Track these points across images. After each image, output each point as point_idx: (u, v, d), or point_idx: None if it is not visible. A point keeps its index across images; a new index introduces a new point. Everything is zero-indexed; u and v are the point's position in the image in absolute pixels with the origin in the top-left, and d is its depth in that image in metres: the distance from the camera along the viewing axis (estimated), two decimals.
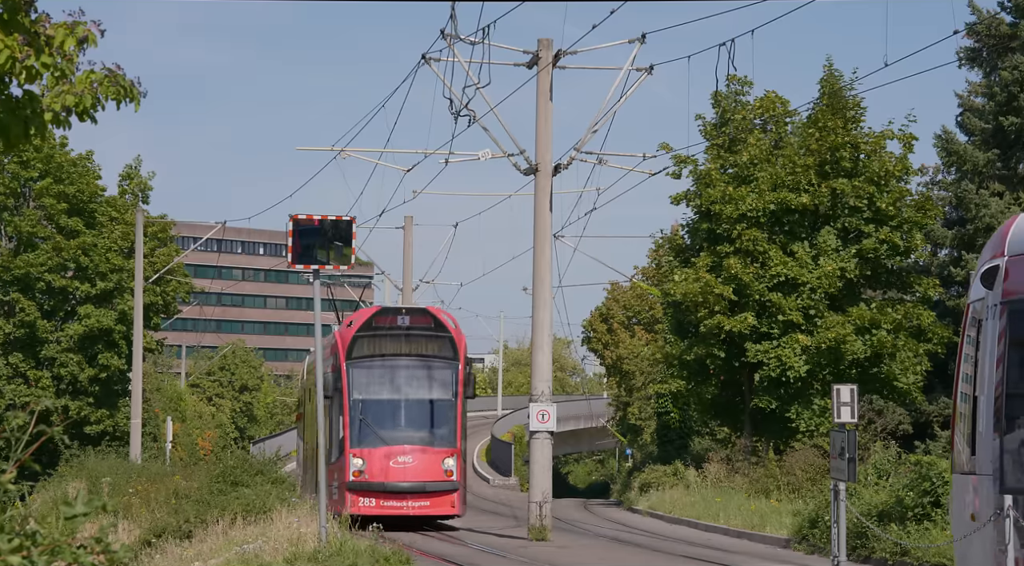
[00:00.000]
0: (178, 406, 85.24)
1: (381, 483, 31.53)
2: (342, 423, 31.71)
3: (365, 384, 32.09)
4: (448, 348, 32.37)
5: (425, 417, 32.46)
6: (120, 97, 10.14)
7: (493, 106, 30.22)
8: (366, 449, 31.60)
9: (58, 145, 61.61)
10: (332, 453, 31.44)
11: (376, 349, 32.14)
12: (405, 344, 32.20)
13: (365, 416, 31.88)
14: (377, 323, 32.34)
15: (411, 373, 32.17)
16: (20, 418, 7.08)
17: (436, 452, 31.86)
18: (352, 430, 31.64)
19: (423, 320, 32.56)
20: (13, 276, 62.17)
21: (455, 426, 32.21)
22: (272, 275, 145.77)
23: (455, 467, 31.72)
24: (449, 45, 29.62)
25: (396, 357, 32.23)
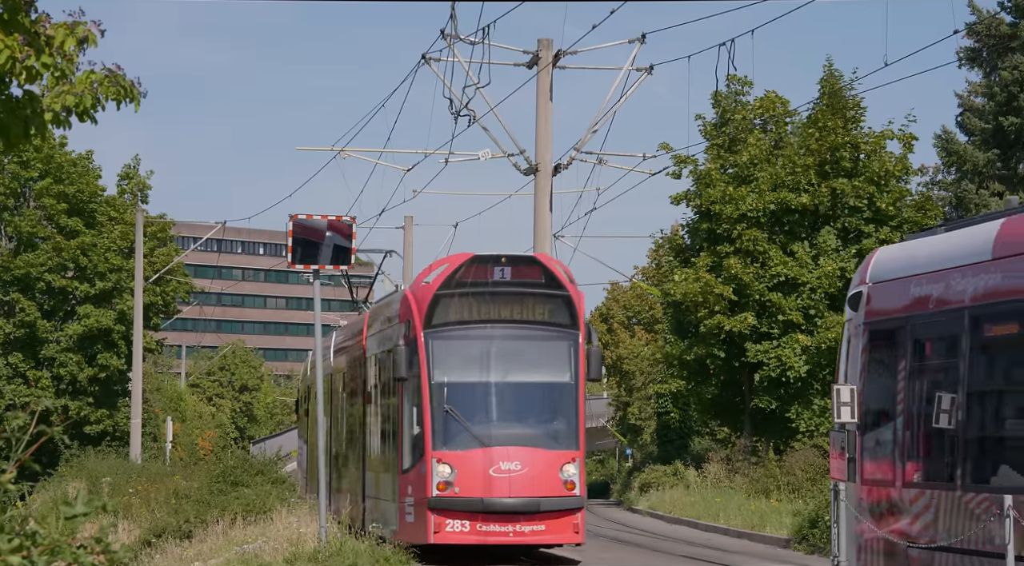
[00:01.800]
0: (178, 406, 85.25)
1: (479, 500, 22.31)
2: (420, 416, 22.79)
3: (452, 362, 23.15)
4: (564, 311, 23.54)
5: (536, 407, 23.53)
6: (120, 97, 10.14)
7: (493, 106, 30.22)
8: (456, 452, 22.47)
9: (58, 145, 61.62)
10: (404, 458, 23.40)
11: (466, 313, 23.31)
12: (506, 306, 23.46)
13: (454, 406, 22.81)
14: (467, 277, 23.25)
15: (516, 346, 23.33)
16: (20, 418, 7.08)
17: (552, 456, 22.82)
18: (435, 425, 22.57)
19: (531, 273, 23.62)
20: (13, 276, 62.18)
21: (576, 420, 23.19)
22: (272, 275, 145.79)
23: (578, 477, 22.83)
24: (449, 45, 29.62)
25: (494, 324, 23.41)
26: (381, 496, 25.36)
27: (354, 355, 29.17)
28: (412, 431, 23.11)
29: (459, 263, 23.24)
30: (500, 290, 23.32)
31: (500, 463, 22.41)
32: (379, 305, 27.55)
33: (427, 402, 22.72)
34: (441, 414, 22.69)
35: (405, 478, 23.31)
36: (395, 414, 23.62)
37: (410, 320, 23.26)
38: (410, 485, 23.11)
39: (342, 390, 31.17)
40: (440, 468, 22.48)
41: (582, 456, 23.03)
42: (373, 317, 27.35)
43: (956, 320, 15.31)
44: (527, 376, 23.40)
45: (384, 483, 24.98)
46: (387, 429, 24.55)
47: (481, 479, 22.36)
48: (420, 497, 22.64)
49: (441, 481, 22.44)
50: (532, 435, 22.93)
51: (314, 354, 26.37)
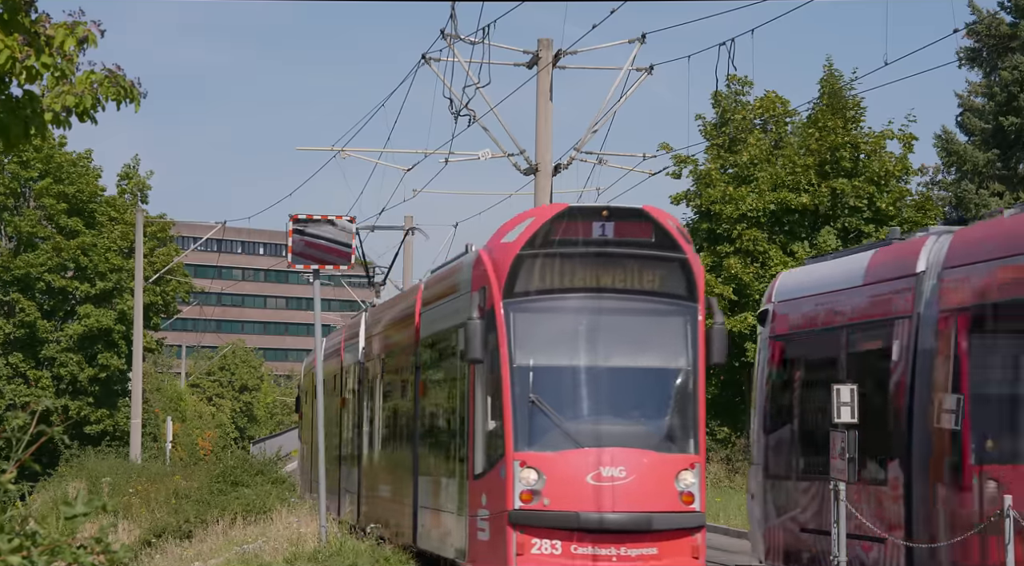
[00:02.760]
0: (178, 406, 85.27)
1: (574, 515, 17.51)
2: (498, 408, 18.13)
3: (540, 340, 18.35)
4: (680, 278, 18.55)
5: (646, 399, 18.60)
6: (120, 97, 10.15)
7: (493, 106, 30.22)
8: (545, 454, 17.72)
9: (58, 145, 61.66)
10: (476, 460, 18.65)
11: (557, 279, 18.44)
12: (608, 270, 18.48)
13: (542, 396, 17.96)
14: (558, 234, 18.33)
15: (620, 322, 18.50)
16: (20, 418, 7.09)
17: (666, 460, 17.99)
18: (518, 420, 17.87)
19: (639, 229, 18.49)
20: (13, 276, 62.21)
21: (695, 415, 18.29)
22: (272, 275, 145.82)
23: (697, 487, 17.95)
24: (449, 45, 29.61)
25: (593, 293, 18.43)
26: (441, 507, 20.45)
27: (400, 336, 24.41)
28: (487, 426, 18.22)
29: (549, 216, 18.22)
30: (601, 250, 18.28)
31: (601, 468, 17.49)
32: (439, 273, 22.19)
33: (507, 391, 17.78)
34: (525, 405, 17.80)
35: (477, 485, 18.48)
36: (462, 406, 19.15)
37: (486, 288, 18.32)
38: (484, 494, 18.23)
39: (380, 379, 26.40)
40: (524, 473, 17.54)
41: (703, 461, 18.06)
42: (430, 289, 22.51)
43: (836, 337, 18.15)
44: (634, 360, 18.35)
45: (445, 491, 20.26)
46: (450, 424, 20.11)
47: (577, 488, 17.49)
48: (498, 509, 17.78)
49: (526, 490, 17.49)
50: (641, 434, 17.91)
51: (315, 353, 26.07)
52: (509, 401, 17.79)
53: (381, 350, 26.50)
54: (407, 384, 23.68)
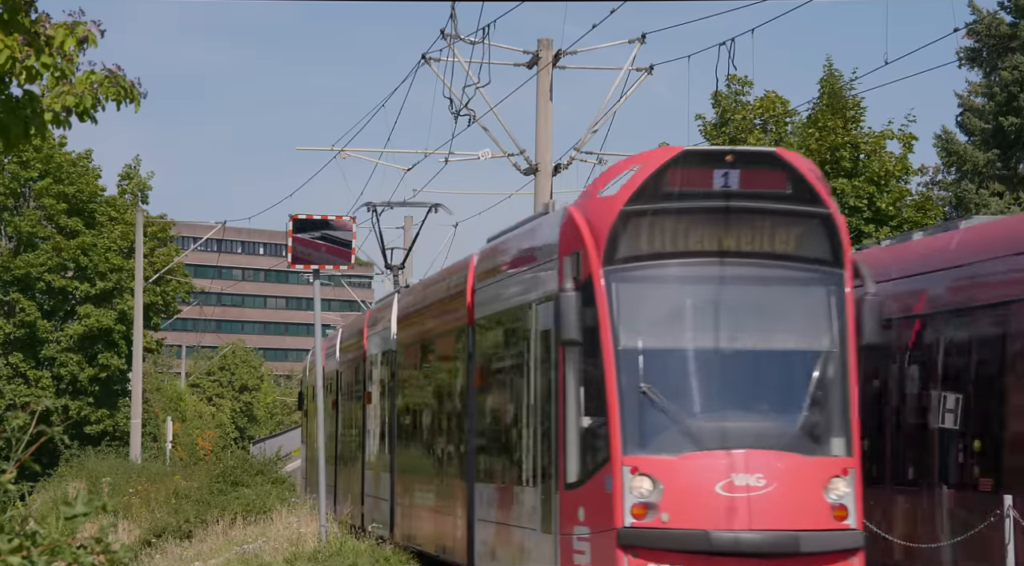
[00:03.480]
0: (178, 406, 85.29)
1: (702, 534, 13.97)
2: (599, 400, 14.64)
3: (652, 317, 14.90)
4: (824, 240, 14.96)
5: (786, 389, 15.01)
6: (120, 97, 10.16)
7: (493, 106, 30.21)
8: (662, 458, 14.28)
9: (58, 145, 61.68)
10: (569, 465, 15.12)
11: (672, 241, 14.87)
12: (735, 230, 14.83)
13: (656, 386, 14.47)
14: (672, 184, 14.77)
15: (752, 294, 15.02)
16: (20, 418, 7.09)
17: (814, 465, 14.48)
18: (627, 416, 14.38)
19: (772, 178, 14.90)
20: (13, 276, 62.22)
21: (846, 408, 14.64)
22: (272, 275, 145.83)
23: (852, 498, 14.40)
24: (449, 45, 29.60)
25: (718, 259, 14.83)
26: (514, 521, 16.86)
27: (446, 319, 21.01)
28: (582, 423, 14.75)
29: (659, 163, 14.63)
30: (725, 204, 14.70)
31: (733, 476, 13.99)
32: (502, 241, 18.59)
33: (612, 379, 14.28)
34: (635, 398, 14.27)
35: (572, 497, 14.96)
36: (544, 398, 15.73)
37: (580, 253, 14.85)
38: (582, 507, 14.80)
39: (419, 369, 23.06)
40: (637, 482, 14.06)
41: (858, 466, 14.43)
42: (488, 260, 18.93)
43: None
44: (769, 340, 14.90)
45: (520, 503, 16.70)
46: (522, 421, 16.69)
47: (704, 500, 14.03)
48: (602, 526, 14.35)
49: (639, 502, 14.05)
50: (781, 432, 14.39)
51: (313, 354, 25.89)
52: (615, 392, 14.25)
53: (420, 336, 22.93)
54: (456, 374, 20.12)
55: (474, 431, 18.92)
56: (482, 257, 19.43)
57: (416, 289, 24.64)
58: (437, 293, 22.11)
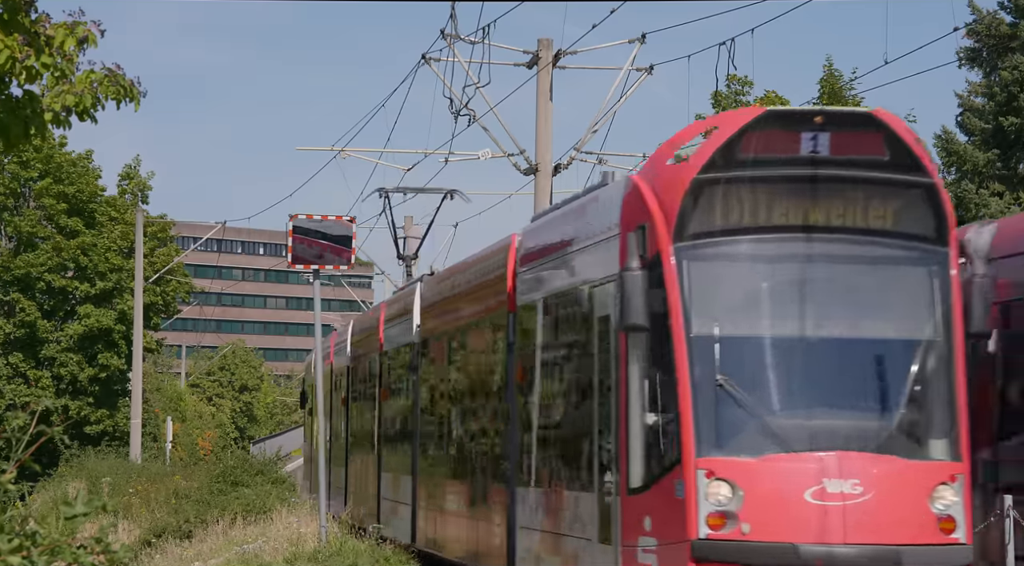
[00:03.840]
0: (178, 406, 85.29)
1: (789, 547, 12.26)
2: (669, 395, 12.91)
3: (729, 301, 13.18)
4: (926, 213, 13.23)
5: (883, 384, 13.16)
6: (120, 97, 10.16)
7: (493, 106, 30.21)
8: (741, 460, 12.56)
9: (58, 145, 61.70)
10: (631, 467, 13.43)
11: (752, 214, 13.11)
12: (824, 201, 13.05)
13: (735, 379, 12.75)
14: (754, 149, 12.99)
15: (845, 275, 13.15)
16: (20, 418, 7.08)
17: (916, 470, 12.79)
18: (700, 412, 12.66)
19: (866, 142, 13.05)
20: (13, 276, 62.23)
21: (952, 406, 12.93)
22: (272, 275, 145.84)
23: (961, 508, 12.66)
24: (449, 45, 29.60)
25: (804, 234, 13.08)
26: (565, 530, 15.18)
27: (479, 306, 19.24)
28: (647, 420, 12.99)
29: (739, 125, 12.87)
30: (814, 172, 12.88)
31: (825, 482, 12.24)
32: (559, 213, 16.58)
33: (684, 371, 12.50)
34: (710, 391, 12.52)
35: (636, 503, 13.26)
36: (602, 392, 14.09)
37: (647, 227, 13.05)
38: (648, 515, 13.05)
39: (447, 362, 21.18)
40: (713, 488, 12.31)
41: (967, 472, 12.65)
42: (533, 238, 16.97)
43: None
44: (865, 328, 12.99)
45: (572, 509, 14.96)
46: (573, 418, 15.05)
47: (791, 509, 12.27)
48: (672, 537, 12.59)
49: (716, 511, 12.27)
50: (878, 432, 12.56)
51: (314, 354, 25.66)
52: (687, 385, 12.47)
53: (449, 326, 21.07)
54: (494, 367, 18.20)
55: (515, 429, 16.93)
56: (526, 237, 17.39)
57: (443, 276, 22.62)
58: (470, 279, 20.04)
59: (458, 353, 20.63)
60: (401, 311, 24.68)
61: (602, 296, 14.18)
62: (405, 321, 24.04)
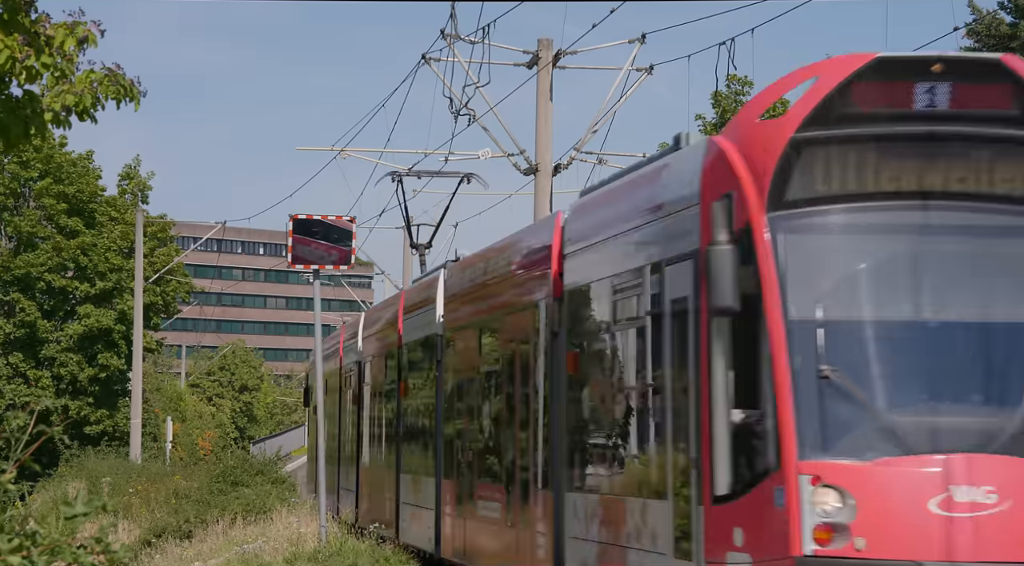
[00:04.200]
0: (178, 406, 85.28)
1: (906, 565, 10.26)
2: (762, 387, 10.93)
3: (835, 280, 11.18)
4: None
5: (1015, 375, 10.95)
6: (120, 97, 10.16)
7: (493, 106, 30.21)
8: (853, 464, 10.56)
9: (58, 145, 61.71)
10: (717, 472, 11.40)
11: (860, 178, 11.14)
12: (944, 164, 11.09)
13: (842, 370, 10.72)
14: (860, 103, 11.04)
15: (967, 249, 11.26)
16: (20, 418, 7.08)
17: None
18: (803, 409, 10.64)
19: (991, 94, 11.09)
20: (13, 276, 62.24)
21: None
22: (272, 275, 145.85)
23: None
24: (449, 45, 29.60)
25: (921, 201, 11.10)
26: (630, 542, 13.22)
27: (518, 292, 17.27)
28: (734, 418, 11.10)
29: (843, 75, 11.02)
30: (931, 129, 11.07)
31: (953, 489, 10.45)
32: (616, 186, 14.76)
33: (783, 360, 10.71)
34: (813, 384, 10.70)
35: (723, 514, 11.32)
36: (676, 385, 12.20)
37: (735, 195, 11.19)
38: (739, 528, 11.14)
39: (477, 356, 19.24)
40: (820, 496, 10.53)
41: None
42: (583, 217, 15.26)
43: None
44: (993, 310, 11.11)
45: (639, 519, 12.91)
46: (646, 413, 12.95)
47: (913, 521, 10.48)
48: (771, 553, 10.79)
49: (824, 522, 10.45)
50: (1014, 431, 10.68)
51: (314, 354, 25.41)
52: (787, 377, 10.68)
53: (479, 315, 19.24)
54: (535, 359, 16.34)
55: (563, 428, 15.04)
56: (574, 214, 15.55)
57: (470, 262, 20.51)
58: (504, 263, 18.14)
59: (490, 344, 18.70)
60: (422, 301, 22.98)
61: (676, 276, 12.21)
62: (427, 311, 22.38)
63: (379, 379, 26.51)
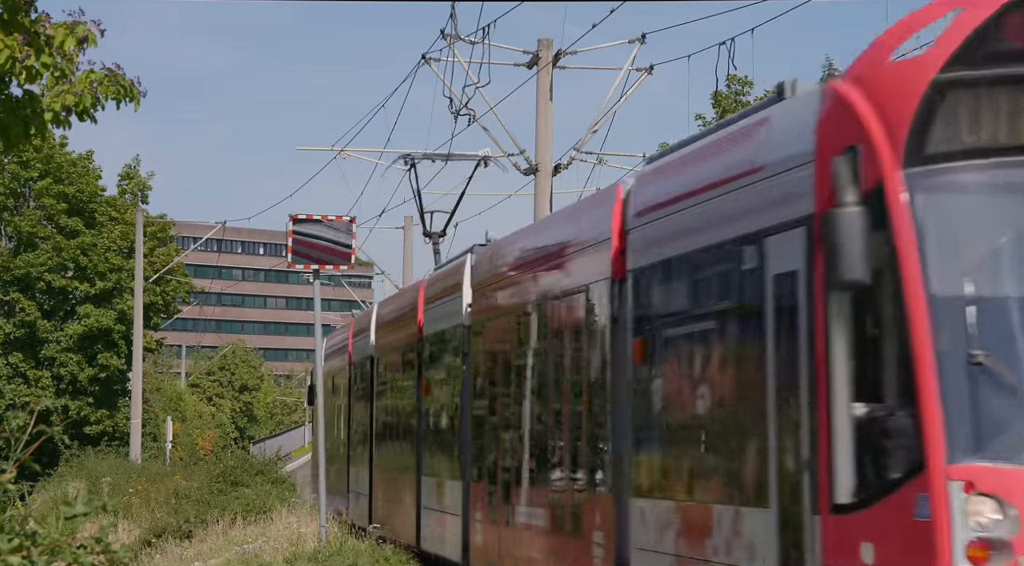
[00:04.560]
0: (178, 406, 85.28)
1: None
2: (897, 376, 8.94)
3: (988, 250, 9.04)
4: None
5: None
6: (120, 97, 10.16)
7: (493, 105, 30.22)
8: (1010, 468, 8.46)
9: (58, 145, 61.72)
10: (840, 476, 9.38)
11: (1015, 128, 8.99)
12: None
13: (996, 356, 8.61)
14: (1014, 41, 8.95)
15: None
16: (20, 418, 7.08)
17: None
18: (952, 402, 8.58)
19: None
20: (13, 276, 62.24)
21: None
22: (272, 275, 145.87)
23: None
24: (449, 45, 29.60)
25: None
26: (719, 557, 11.34)
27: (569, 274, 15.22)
28: (858, 412, 9.35)
29: (995, 6, 9.15)
30: None
31: None
32: (698, 147, 12.53)
33: (925, 343, 8.92)
34: (962, 373, 8.88)
35: (848, 526, 9.55)
36: (783, 373, 10.33)
37: (861, 148, 9.45)
38: (869, 543, 9.34)
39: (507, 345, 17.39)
40: (975, 506, 8.70)
41: None
42: (663, 179, 12.99)
43: None
44: None
45: (731, 530, 11.01)
46: (739, 407, 11.07)
47: None
48: None
49: (979, 537, 8.64)
50: None
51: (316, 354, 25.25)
52: (930, 364, 8.86)
53: (513, 301, 17.20)
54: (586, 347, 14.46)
55: (627, 426, 13.07)
56: (640, 184, 13.37)
57: (504, 244, 18.41)
58: (549, 243, 16.11)
59: (531, 333, 16.45)
60: (447, 289, 21.02)
61: (781, 248, 10.34)
62: (452, 300, 20.44)
63: (396, 375, 24.80)
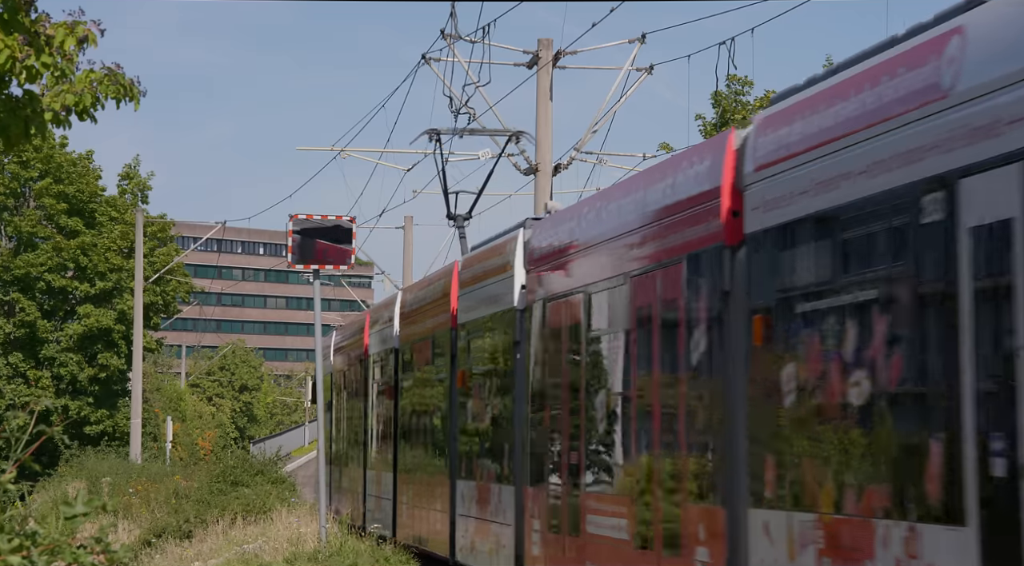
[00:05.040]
0: (178, 406, 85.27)
1: None
2: None
3: None
4: None
5: None
6: (120, 96, 10.16)
7: (493, 105, 30.21)
8: None
9: (58, 145, 61.70)
10: None
11: None
12: None
13: None
14: None
15: None
16: (20, 418, 7.08)
17: None
18: None
19: None
20: (13, 276, 62.24)
21: None
22: (272, 275, 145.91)
23: None
24: (449, 45, 29.60)
25: None
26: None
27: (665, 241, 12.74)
28: None
29: None
30: None
31: None
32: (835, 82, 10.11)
33: None
34: None
35: None
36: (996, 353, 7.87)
37: None
38: None
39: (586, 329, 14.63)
40: None
41: None
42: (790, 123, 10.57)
43: None
44: None
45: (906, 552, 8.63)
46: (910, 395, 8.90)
47: None
48: None
49: None
50: None
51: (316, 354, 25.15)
52: None
53: (585, 279, 14.69)
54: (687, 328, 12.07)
55: (743, 418, 10.94)
56: (762, 128, 10.98)
57: (573, 212, 15.99)
58: (636, 206, 13.44)
59: (609, 314, 14.10)
60: (491, 270, 18.61)
61: (984, 191, 8.01)
62: (499, 282, 18.02)
63: (425, 368, 22.63)
